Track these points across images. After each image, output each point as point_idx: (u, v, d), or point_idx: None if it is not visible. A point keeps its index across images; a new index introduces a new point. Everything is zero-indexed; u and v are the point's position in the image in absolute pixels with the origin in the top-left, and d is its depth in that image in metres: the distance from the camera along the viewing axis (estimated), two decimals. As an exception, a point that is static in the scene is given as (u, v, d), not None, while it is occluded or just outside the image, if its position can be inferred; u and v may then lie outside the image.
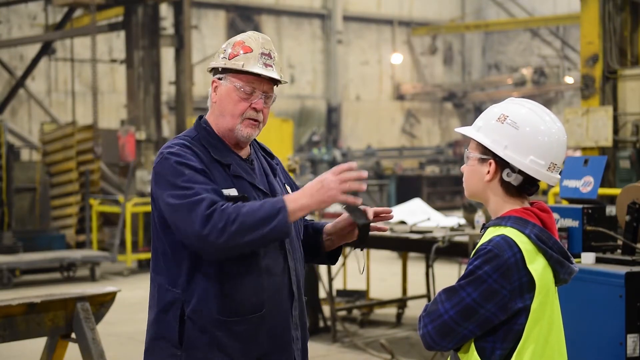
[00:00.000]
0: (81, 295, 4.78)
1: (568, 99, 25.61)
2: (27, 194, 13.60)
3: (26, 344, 5.40)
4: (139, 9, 13.80)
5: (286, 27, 24.99)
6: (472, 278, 2.32)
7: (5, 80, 18.59)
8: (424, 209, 8.17)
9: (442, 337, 2.34)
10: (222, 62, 2.85)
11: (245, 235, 2.64)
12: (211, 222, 2.63)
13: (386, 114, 27.26)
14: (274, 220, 2.63)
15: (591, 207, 4.76)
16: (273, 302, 2.84)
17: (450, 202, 21.15)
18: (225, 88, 2.85)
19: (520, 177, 2.38)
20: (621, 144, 8.32)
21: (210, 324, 2.78)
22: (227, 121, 2.85)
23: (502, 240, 2.32)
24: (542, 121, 2.40)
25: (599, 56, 8.32)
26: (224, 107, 2.86)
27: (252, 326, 2.80)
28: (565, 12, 24.28)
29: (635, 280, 4.36)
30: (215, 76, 2.89)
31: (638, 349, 4.32)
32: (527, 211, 2.39)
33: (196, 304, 2.78)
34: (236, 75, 2.83)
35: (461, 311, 2.31)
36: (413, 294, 8.89)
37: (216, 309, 2.78)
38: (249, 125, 2.85)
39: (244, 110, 2.84)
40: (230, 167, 2.83)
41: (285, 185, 3.00)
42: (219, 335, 2.78)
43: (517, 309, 2.30)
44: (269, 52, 2.86)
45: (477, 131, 2.44)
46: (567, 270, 2.39)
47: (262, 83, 2.85)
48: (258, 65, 2.82)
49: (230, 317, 2.79)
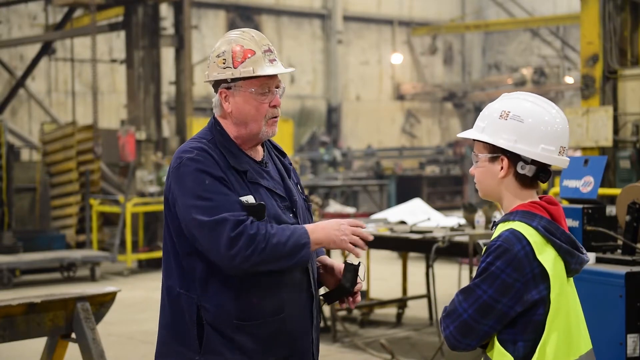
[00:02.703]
0: (81, 295, 4.78)
1: (568, 99, 25.60)
2: (27, 194, 13.60)
3: (26, 344, 5.40)
4: (139, 9, 13.79)
5: (286, 27, 24.99)
6: (485, 275, 2.37)
7: (5, 80, 18.59)
8: (424, 209, 8.17)
9: (464, 336, 2.40)
10: (229, 73, 2.81)
11: (269, 264, 2.71)
12: (238, 246, 2.66)
13: (386, 114, 27.25)
14: (298, 255, 2.71)
15: (591, 207, 4.75)
16: (293, 304, 2.83)
17: (450, 202, 21.15)
18: (240, 97, 2.83)
19: (534, 167, 2.45)
20: (621, 144, 8.32)
21: (229, 328, 2.75)
22: (252, 127, 2.84)
23: (510, 235, 2.39)
24: (542, 109, 2.46)
25: (599, 56, 8.32)
26: (245, 115, 2.83)
27: (273, 328, 2.79)
28: (565, 12, 24.27)
29: (635, 280, 4.36)
30: (221, 87, 2.84)
31: (638, 349, 4.32)
32: (534, 205, 2.45)
33: (214, 308, 2.75)
34: (249, 81, 2.81)
35: (479, 309, 2.37)
36: (413, 294, 8.88)
37: (235, 313, 2.75)
38: (273, 124, 2.88)
39: (265, 112, 2.84)
40: (247, 174, 2.82)
41: (297, 186, 3.00)
42: (239, 339, 2.75)
43: (534, 300, 2.35)
44: (268, 47, 2.85)
45: (481, 132, 2.49)
46: (577, 260, 2.45)
47: (274, 79, 2.86)
48: (267, 65, 2.82)
49: (250, 321, 2.76)
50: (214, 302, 2.75)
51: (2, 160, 11.67)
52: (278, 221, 2.79)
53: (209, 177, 2.73)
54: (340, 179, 19.08)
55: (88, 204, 12.70)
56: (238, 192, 2.76)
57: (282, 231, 2.71)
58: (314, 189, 17.05)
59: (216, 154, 2.79)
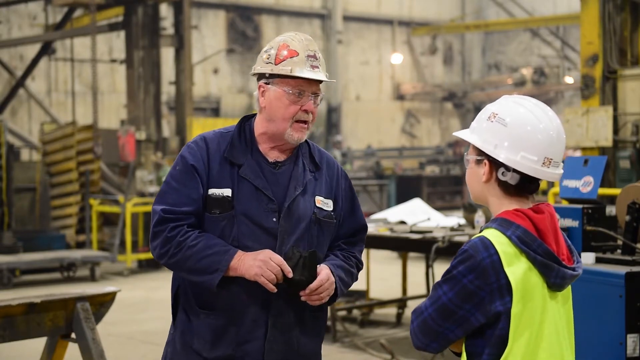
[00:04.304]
0: (81, 295, 4.78)
1: (568, 99, 25.61)
2: (27, 194, 13.60)
3: (26, 344, 5.39)
4: (139, 9, 13.79)
5: (286, 27, 24.98)
6: (447, 277, 2.28)
7: (5, 80, 18.59)
8: (424, 209, 8.17)
9: (424, 335, 2.31)
10: (269, 68, 2.86)
11: (181, 271, 2.84)
12: (156, 242, 2.82)
13: (386, 114, 27.26)
14: (206, 276, 2.76)
15: (591, 207, 4.75)
16: (246, 300, 2.82)
17: (450, 202, 21.15)
18: (274, 93, 2.87)
19: (516, 175, 2.30)
20: (621, 144, 8.31)
21: (193, 313, 2.87)
22: (278, 125, 2.87)
23: (479, 242, 2.27)
24: (531, 115, 2.30)
25: (599, 56, 8.32)
26: (274, 112, 2.87)
27: (225, 322, 2.83)
28: (565, 12, 24.27)
29: (635, 280, 4.36)
30: (261, 81, 2.90)
31: (638, 349, 4.32)
32: (517, 212, 2.30)
33: (185, 290, 2.90)
34: (285, 80, 2.85)
35: (438, 309, 2.28)
36: (413, 294, 8.88)
37: (197, 299, 2.87)
38: (299, 129, 2.88)
39: (294, 113, 2.87)
40: (240, 168, 2.85)
41: (315, 199, 2.92)
42: (196, 324, 2.85)
43: (497, 312, 2.23)
44: (314, 53, 2.90)
45: (471, 133, 2.40)
46: (558, 274, 2.28)
47: (311, 85, 2.88)
48: (306, 69, 2.85)
49: (206, 309, 2.84)
50: (182, 286, 2.91)
51: (2, 160, 11.66)
52: (251, 219, 2.82)
53: (181, 164, 2.86)
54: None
55: (88, 204, 12.70)
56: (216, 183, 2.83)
57: (204, 248, 2.77)
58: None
59: (218, 144, 2.87)
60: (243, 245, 2.81)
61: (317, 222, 2.91)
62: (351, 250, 3.02)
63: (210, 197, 2.82)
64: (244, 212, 2.82)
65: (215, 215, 2.82)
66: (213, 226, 2.83)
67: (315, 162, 2.98)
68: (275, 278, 2.74)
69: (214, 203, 2.82)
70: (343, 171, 3.07)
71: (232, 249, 2.78)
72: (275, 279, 2.74)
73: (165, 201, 2.82)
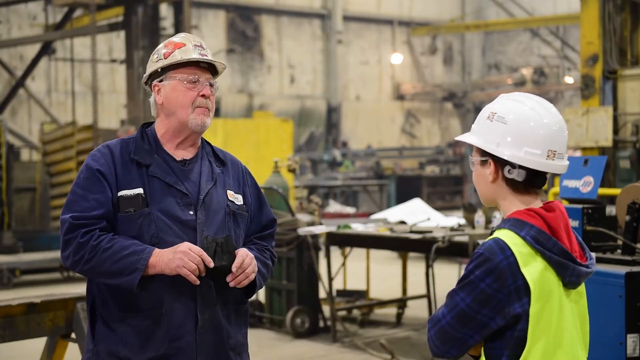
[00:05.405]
0: (81, 295, 4.77)
1: (568, 99, 25.61)
2: (27, 194, 13.59)
3: (26, 344, 5.39)
4: (139, 9, 13.79)
5: (286, 27, 24.98)
6: (464, 282, 2.28)
7: (5, 80, 18.59)
8: (424, 209, 8.18)
9: (442, 343, 2.30)
10: (160, 64, 2.89)
11: (98, 276, 2.77)
12: (68, 250, 2.74)
13: (386, 114, 27.26)
14: (125, 277, 2.71)
15: (591, 207, 4.75)
16: (173, 299, 2.79)
17: (450, 202, 21.16)
18: (169, 86, 2.88)
19: (522, 171, 2.30)
20: (621, 144, 8.32)
21: (115, 320, 2.80)
22: (179, 115, 2.88)
23: (494, 244, 2.26)
24: (530, 110, 2.31)
25: (599, 56, 8.32)
26: (173, 103, 2.88)
27: (152, 323, 2.77)
28: (565, 12, 24.28)
29: (635, 280, 4.35)
30: (154, 81, 2.91)
31: (638, 349, 4.32)
32: (530, 212, 2.30)
33: (102, 298, 2.83)
34: (177, 70, 2.87)
35: (456, 316, 2.27)
36: (413, 294, 8.88)
37: (119, 304, 2.79)
38: (201, 113, 2.89)
39: (193, 99, 2.87)
40: (149, 168, 2.85)
41: (227, 193, 2.94)
42: (121, 331, 2.79)
43: (516, 314, 2.23)
44: (200, 44, 2.92)
45: (472, 135, 2.40)
46: (573, 272, 2.30)
47: (204, 72, 2.90)
48: (195, 54, 2.87)
49: (131, 312, 2.78)
50: (103, 292, 2.83)
51: (2, 160, 11.67)
52: (167, 214, 2.80)
53: (85, 171, 2.83)
54: (340, 179, 19.09)
55: (88, 204, 12.68)
56: (125, 184, 2.80)
57: (120, 249, 2.72)
58: (314, 189, 17.05)
59: (121, 149, 2.86)
60: (164, 241, 2.78)
61: (232, 214, 2.92)
62: (264, 244, 3.04)
63: (122, 197, 2.79)
64: (160, 208, 2.80)
65: (130, 213, 2.78)
66: (129, 226, 2.79)
67: (220, 159, 3.01)
68: (197, 268, 2.71)
69: (126, 203, 2.79)
70: (247, 169, 3.10)
71: (149, 247, 2.75)
72: (197, 269, 2.72)
73: (73, 209, 2.76)
